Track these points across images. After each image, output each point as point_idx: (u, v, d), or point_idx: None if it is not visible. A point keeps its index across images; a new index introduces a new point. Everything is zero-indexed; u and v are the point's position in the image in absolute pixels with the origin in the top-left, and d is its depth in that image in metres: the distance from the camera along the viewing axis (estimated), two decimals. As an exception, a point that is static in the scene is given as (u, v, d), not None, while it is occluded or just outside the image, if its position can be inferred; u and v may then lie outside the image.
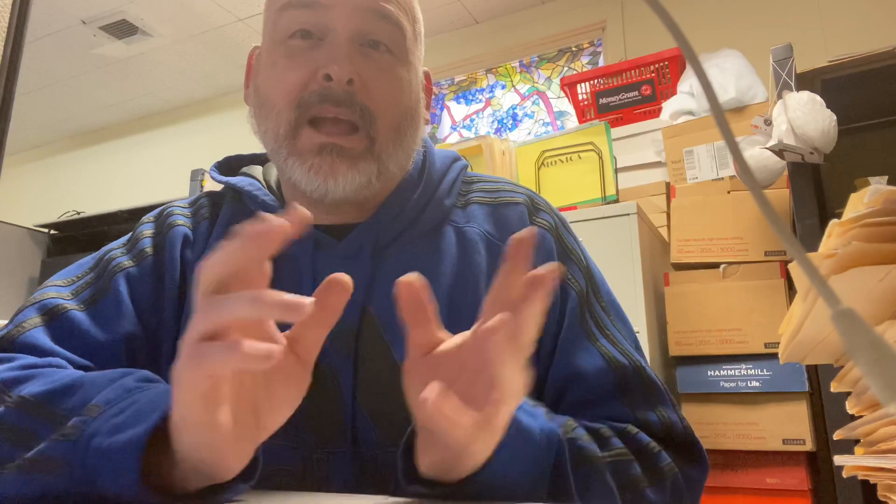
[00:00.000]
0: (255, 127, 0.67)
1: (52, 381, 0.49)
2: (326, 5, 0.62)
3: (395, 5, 0.64)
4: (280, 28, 0.64)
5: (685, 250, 1.65)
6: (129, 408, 0.44)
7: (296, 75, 0.62)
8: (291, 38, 0.63)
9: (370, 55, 0.63)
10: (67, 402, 0.47)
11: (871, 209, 0.50)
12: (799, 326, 0.57)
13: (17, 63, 1.13)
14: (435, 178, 0.70)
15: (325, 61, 0.61)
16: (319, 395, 0.59)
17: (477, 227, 0.68)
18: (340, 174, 0.61)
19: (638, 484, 0.54)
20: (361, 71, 0.62)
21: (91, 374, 0.51)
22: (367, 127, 0.62)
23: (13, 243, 2.92)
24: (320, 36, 0.63)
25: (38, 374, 0.51)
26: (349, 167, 0.61)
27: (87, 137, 4.57)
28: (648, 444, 0.57)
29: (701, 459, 0.61)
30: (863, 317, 0.24)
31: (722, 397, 1.52)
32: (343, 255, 0.64)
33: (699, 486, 0.60)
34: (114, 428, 0.43)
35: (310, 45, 0.63)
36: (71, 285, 0.65)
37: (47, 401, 0.48)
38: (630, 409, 0.59)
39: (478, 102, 3.39)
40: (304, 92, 0.61)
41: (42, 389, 0.49)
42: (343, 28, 0.62)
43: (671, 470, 0.57)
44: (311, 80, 0.61)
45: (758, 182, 0.27)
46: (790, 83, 1.45)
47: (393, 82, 0.64)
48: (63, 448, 0.43)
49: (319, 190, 0.61)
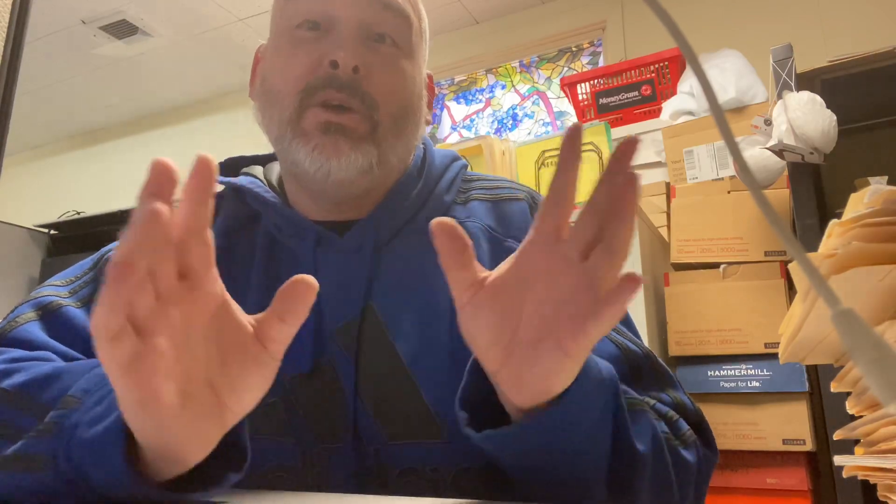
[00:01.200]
0: (259, 118, 0.67)
1: (33, 373, 0.49)
2: None
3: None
4: (286, 17, 0.65)
5: (685, 250, 1.65)
6: (107, 396, 0.44)
7: (302, 62, 0.63)
8: (298, 27, 0.64)
9: (376, 48, 0.64)
10: (46, 393, 0.47)
11: (871, 209, 0.50)
12: (799, 326, 0.58)
13: (17, 63, 1.13)
14: (434, 175, 0.70)
15: (331, 49, 0.62)
16: (320, 390, 0.59)
17: (478, 222, 0.68)
18: (343, 154, 0.61)
19: (670, 441, 0.54)
20: (367, 60, 0.62)
21: (71, 364, 0.51)
22: (370, 112, 0.62)
23: (13, 243, 2.92)
24: (327, 26, 0.64)
25: (22, 368, 0.51)
26: (352, 147, 0.61)
27: (87, 137, 4.56)
28: (668, 412, 0.57)
29: (711, 441, 0.60)
30: (863, 317, 0.24)
31: (722, 397, 1.52)
32: (344, 250, 0.64)
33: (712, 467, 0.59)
34: (95, 418, 0.43)
35: (316, 35, 0.64)
36: (69, 285, 0.65)
37: (26, 391, 0.48)
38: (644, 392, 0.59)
39: (478, 102, 3.39)
40: (309, 77, 0.62)
41: (21, 380, 0.49)
42: (349, 17, 0.63)
43: (692, 436, 0.57)
44: (318, 67, 0.62)
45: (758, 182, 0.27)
46: (790, 83, 1.45)
47: (397, 74, 0.65)
48: (46, 444, 0.43)
49: (322, 170, 0.61)
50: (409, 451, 0.57)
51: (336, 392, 0.59)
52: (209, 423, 0.39)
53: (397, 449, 0.57)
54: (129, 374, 0.35)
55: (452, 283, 0.42)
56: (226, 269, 0.66)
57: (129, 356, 0.34)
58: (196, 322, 0.38)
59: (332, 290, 0.63)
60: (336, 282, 0.63)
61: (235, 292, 0.64)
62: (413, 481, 0.57)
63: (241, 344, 0.39)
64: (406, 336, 0.61)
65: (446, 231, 0.41)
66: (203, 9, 3.23)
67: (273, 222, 0.67)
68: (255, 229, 0.68)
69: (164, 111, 4.26)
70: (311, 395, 0.60)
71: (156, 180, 0.33)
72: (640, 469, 0.49)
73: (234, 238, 0.68)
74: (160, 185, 0.33)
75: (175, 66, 3.74)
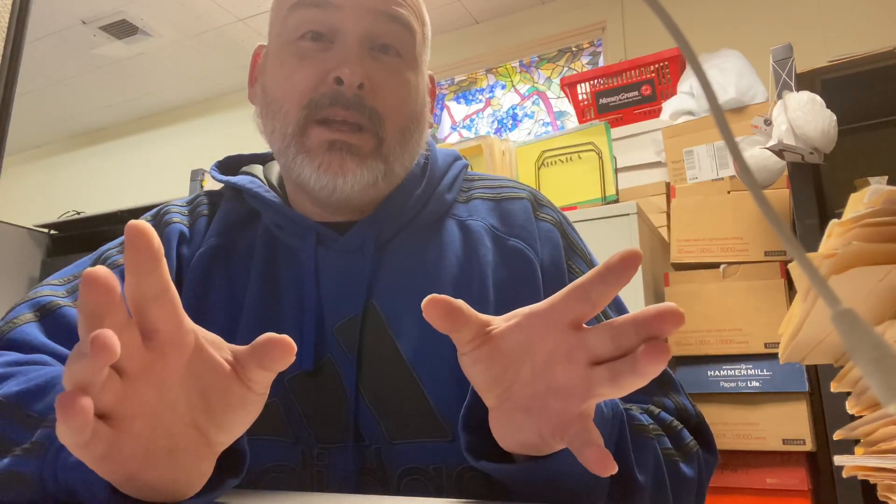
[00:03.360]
0: (261, 127, 0.67)
1: (27, 381, 0.48)
2: (337, 5, 0.62)
3: (405, 8, 0.64)
4: (289, 28, 0.64)
5: (685, 250, 1.65)
6: None
7: (305, 76, 0.62)
8: (301, 38, 0.63)
9: (380, 59, 0.63)
10: (39, 404, 0.46)
11: (871, 209, 0.50)
12: (799, 326, 0.57)
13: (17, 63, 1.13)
14: (437, 174, 0.70)
15: (335, 63, 0.61)
16: (321, 389, 0.59)
17: (481, 221, 0.68)
18: (350, 171, 0.61)
19: (673, 457, 0.55)
20: (371, 74, 0.62)
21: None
22: (375, 128, 0.62)
23: (13, 243, 2.92)
24: (330, 38, 0.63)
25: (17, 373, 0.50)
26: (358, 164, 0.61)
27: (87, 137, 4.56)
28: (672, 422, 0.58)
29: (711, 445, 0.61)
30: (863, 317, 0.24)
31: (722, 397, 1.52)
32: (345, 249, 0.64)
33: (711, 471, 0.60)
34: None
35: (320, 48, 0.63)
36: (66, 284, 0.65)
37: (19, 402, 0.47)
38: (647, 396, 0.60)
39: (478, 102, 3.39)
40: (314, 93, 0.61)
41: (15, 390, 0.48)
42: (353, 30, 0.62)
43: (695, 446, 0.57)
44: (322, 83, 0.61)
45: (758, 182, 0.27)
46: (790, 83, 1.45)
47: (402, 86, 0.64)
48: (33, 464, 0.43)
49: (328, 187, 0.61)
50: (411, 450, 0.57)
51: (337, 391, 0.59)
52: (199, 463, 0.39)
53: (399, 448, 0.57)
54: (105, 463, 0.34)
55: (454, 339, 0.40)
56: (225, 267, 0.66)
57: (102, 452, 0.34)
58: (171, 377, 0.36)
59: (332, 289, 0.63)
60: (337, 281, 0.63)
61: (234, 291, 0.65)
62: (415, 481, 0.57)
63: (222, 385, 0.37)
64: (408, 334, 0.61)
65: (434, 306, 0.38)
66: (203, 9, 3.23)
67: (273, 222, 0.67)
68: (255, 228, 0.68)
69: (164, 111, 4.26)
70: (311, 395, 0.60)
71: (93, 300, 0.31)
72: (639, 498, 0.50)
73: (233, 237, 0.68)
74: (98, 303, 0.31)
75: (175, 66, 3.74)
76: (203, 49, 3.58)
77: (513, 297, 0.63)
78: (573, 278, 0.66)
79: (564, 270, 0.66)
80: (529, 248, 0.66)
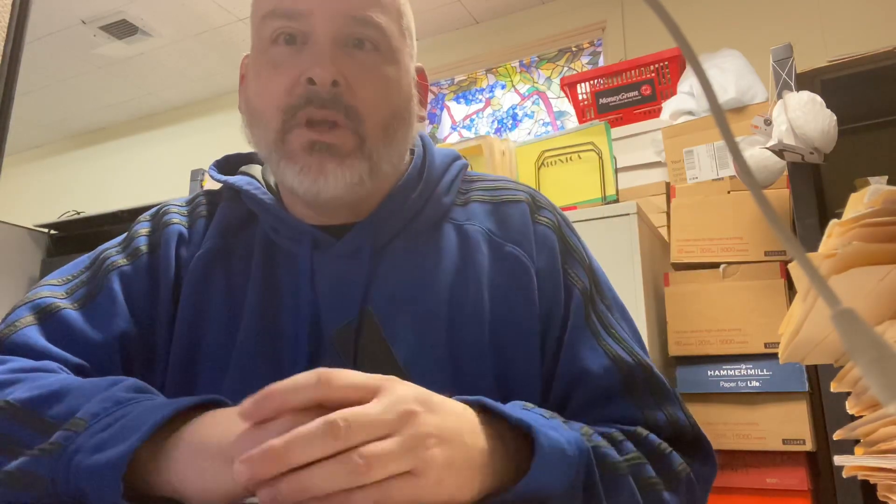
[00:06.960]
0: (249, 137, 0.67)
1: (40, 387, 0.49)
2: (307, 13, 0.61)
3: (375, 10, 0.63)
4: (263, 38, 0.64)
5: (685, 250, 1.65)
6: (114, 423, 0.44)
7: (280, 82, 0.61)
8: (274, 44, 0.63)
9: (355, 55, 0.62)
10: (53, 410, 0.47)
11: (871, 209, 0.50)
12: (799, 326, 0.58)
13: (17, 63, 1.13)
14: (435, 176, 0.69)
15: (308, 65, 0.60)
16: None
17: (478, 225, 0.68)
18: (330, 172, 0.60)
19: (655, 486, 0.54)
20: (346, 71, 0.61)
21: (79, 381, 0.51)
22: (354, 125, 0.61)
23: (13, 243, 2.92)
24: (303, 39, 0.62)
25: (25, 379, 0.51)
26: (338, 164, 0.60)
27: (87, 137, 4.56)
28: (660, 446, 0.57)
29: (709, 456, 0.61)
30: (863, 317, 0.24)
31: (722, 397, 1.52)
32: (341, 254, 0.64)
33: (709, 484, 0.60)
34: (97, 445, 0.43)
35: (293, 51, 0.62)
36: (65, 284, 0.65)
37: (33, 407, 0.47)
38: (638, 409, 0.59)
39: (478, 102, 3.39)
40: (289, 97, 0.61)
41: (28, 395, 0.48)
42: (325, 31, 0.61)
43: (684, 470, 0.57)
44: (296, 85, 0.61)
45: (758, 182, 0.27)
46: (790, 83, 1.45)
47: (379, 81, 0.63)
48: (46, 464, 0.43)
49: (311, 190, 0.61)
50: None
51: None
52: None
53: None
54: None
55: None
56: (224, 270, 0.66)
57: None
58: None
59: (329, 294, 0.63)
60: (333, 286, 0.63)
61: (234, 294, 0.65)
62: None
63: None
64: (403, 339, 0.61)
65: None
66: (203, 9, 3.23)
67: (270, 225, 0.67)
68: (253, 230, 0.68)
69: (164, 111, 4.26)
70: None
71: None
72: None
73: (233, 238, 0.68)
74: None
75: (175, 66, 3.74)
76: (203, 49, 3.58)
77: (507, 304, 0.63)
78: (569, 283, 0.65)
79: (560, 276, 0.66)
80: (525, 255, 0.66)
